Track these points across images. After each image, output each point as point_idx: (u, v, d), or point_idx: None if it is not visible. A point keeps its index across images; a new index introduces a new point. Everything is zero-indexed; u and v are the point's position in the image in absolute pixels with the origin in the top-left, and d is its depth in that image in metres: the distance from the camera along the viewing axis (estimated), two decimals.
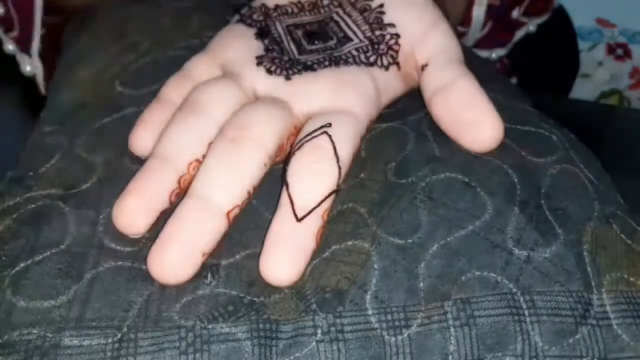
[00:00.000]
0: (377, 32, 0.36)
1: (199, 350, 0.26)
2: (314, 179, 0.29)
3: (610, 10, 1.10)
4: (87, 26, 0.46)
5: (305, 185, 0.29)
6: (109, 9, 0.47)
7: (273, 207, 0.30)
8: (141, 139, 0.33)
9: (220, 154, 0.30)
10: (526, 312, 0.27)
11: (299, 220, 0.28)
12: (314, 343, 0.26)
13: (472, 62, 0.36)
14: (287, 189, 0.29)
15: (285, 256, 0.28)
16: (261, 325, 0.27)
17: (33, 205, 0.32)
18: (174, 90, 0.35)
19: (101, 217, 0.31)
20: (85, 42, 0.45)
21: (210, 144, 0.31)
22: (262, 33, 0.36)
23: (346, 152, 0.31)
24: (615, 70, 1.09)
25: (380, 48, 0.35)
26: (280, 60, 0.35)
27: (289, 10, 0.38)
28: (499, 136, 0.33)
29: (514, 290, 0.28)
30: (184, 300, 0.27)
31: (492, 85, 0.36)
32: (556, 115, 0.38)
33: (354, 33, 0.36)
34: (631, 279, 0.29)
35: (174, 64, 0.37)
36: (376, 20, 0.36)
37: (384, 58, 0.35)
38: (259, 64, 0.34)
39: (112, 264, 0.29)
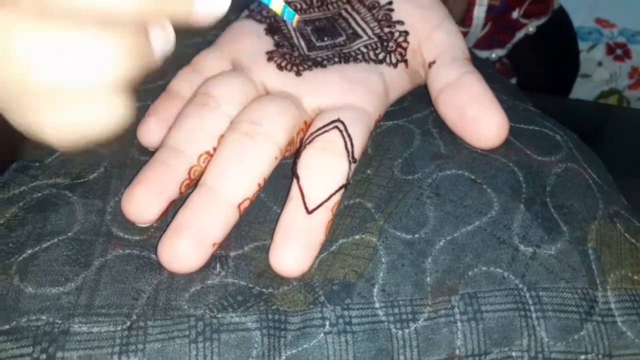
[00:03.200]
0: (386, 30, 0.36)
1: (209, 339, 0.26)
2: (324, 172, 0.30)
3: (609, 10, 1.11)
4: None
5: (316, 179, 0.29)
6: None
7: (281, 201, 0.30)
8: (150, 131, 0.33)
9: (232, 147, 0.30)
10: (532, 308, 0.28)
11: (309, 212, 0.28)
12: (322, 335, 0.26)
13: (473, 63, 0.36)
14: (298, 181, 0.29)
15: (295, 248, 0.28)
16: (270, 316, 0.27)
17: (39, 194, 0.32)
18: (183, 83, 0.35)
19: (109, 206, 0.31)
20: None
21: (220, 137, 0.31)
22: (272, 29, 0.36)
23: (356, 147, 0.31)
24: (614, 70, 1.09)
25: (389, 45, 0.36)
26: (291, 56, 0.35)
27: (298, 6, 0.38)
28: (504, 133, 0.33)
29: (520, 285, 0.28)
30: (192, 289, 0.28)
31: (494, 85, 0.36)
32: (556, 115, 0.38)
33: (363, 30, 0.36)
34: (635, 277, 0.29)
35: (179, 61, 0.37)
36: (385, 17, 0.37)
37: (392, 55, 0.35)
38: (269, 59, 0.34)
39: (120, 252, 0.29)
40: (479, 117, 0.33)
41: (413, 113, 0.36)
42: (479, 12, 0.79)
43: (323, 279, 0.28)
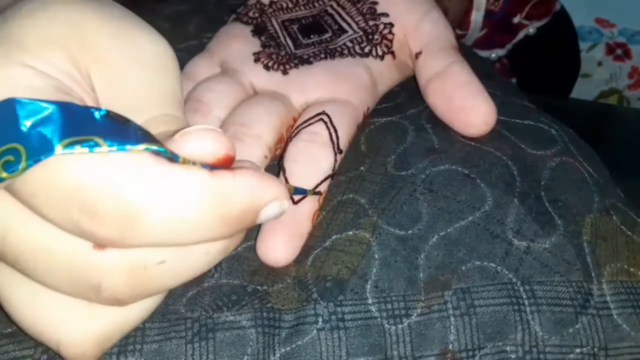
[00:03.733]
0: (371, 22, 0.36)
1: (205, 339, 0.26)
2: (309, 163, 0.30)
3: (609, 10, 1.10)
4: None
5: (301, 170, 0.30)
6: None
7: None
8: None
9: None
10: (526, 302, 0.27)
11: (295, 203, 0.29)
12: (315, 331, 0.26)
13: (471, 61, 0.36)
14: (284, 173, 0.30)
15: (282, 237, 0.28)
16: (265, 314, 0.27)
17: None
18: None
19: None
20: None
21: None
22: (259, 30, 0.37)
23: (342, 138, 0.31)
24: (614, 70, 1.09)
25: (375, 38, 0.36)
26: (277, 55, 0.35)
27: (284, 5, 0.39)
28: (492, 120, 0.33)
29: (514, 280, 0.28)
30: (189, 294, 0.28)
31: (491, 82, 0.36)
32: (556, 115, 0.38)
33: (348, 25, 0.37)
34: (631, 269, 0.29)
35: None
36: (369, 11, 0.37)
37: (378, 48, 0.36)
38: (256, 60, 0.35)
39: None
40: (466, 105, 0.33)
41: (407, 109, 0.36)
42: (477, 17, 0.79)
43: (316, 275, 0.28)
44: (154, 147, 0.20)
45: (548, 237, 0.29)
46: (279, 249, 0.28)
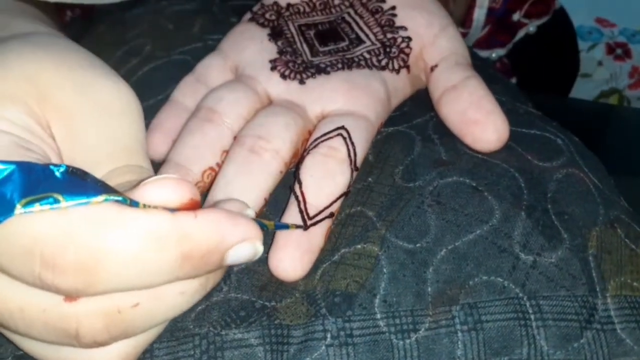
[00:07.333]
0: (389, 35, 0.36)
1: (213, 357, 0.26)
2: (326, 179, 0.30)
3: (609, 9, 1.10)
4: (89, 31, 0.46)
5: (317, 185, 0.30)
6: (111, 14, 0.47)
7: (281, 212, 0.30)
8: (156, 144, 0.33)
9: (239, 163, 0.30)
10: (532, 317, 0.28)
11: (310, 218, 0.29)
12: (323, 347, 0.27)
13: (473, 63, 0.36)
14: (300, 186, 0.30)
15: (295, 252, 0.28)
16: (273, 331, 0.27)
17: None
18: (187, 94, 0.35)
19: None
20: (87, 48, 0.44)
21: (224, 152, 0.31)
22: (275, 33, 0.36)
23: (359, 156, 0.31)
24: (615, 69, 1.09)
25: (392, 51, 0.36)
26: (294, 63, 0.35)
27: (301, 9, 0.38)
28: (505, 137, 0.33)
29: (521, 295, 0.28)
30: (198, 309, 0.28)
31: (495, 86, 0.36)
32: (556, 115, 0.38)
33: (366, 35, 0.36)
34: (635, 284, 0.29)
35: (179, 69, 0.37)
36: (388, 23, 0.37)
37: (395, 62, 0.35)
38: (272, 68, 0.34)
39: None
40: (480, 120, 0.33)
41: (413, 118, 0.36)
42: (479, 15, 0.79)
43: (325, 290, 0.28)
44: (114, 197, 0.20)
45: (554, 251, 0.29)
46: (291, 263, 0.28)
